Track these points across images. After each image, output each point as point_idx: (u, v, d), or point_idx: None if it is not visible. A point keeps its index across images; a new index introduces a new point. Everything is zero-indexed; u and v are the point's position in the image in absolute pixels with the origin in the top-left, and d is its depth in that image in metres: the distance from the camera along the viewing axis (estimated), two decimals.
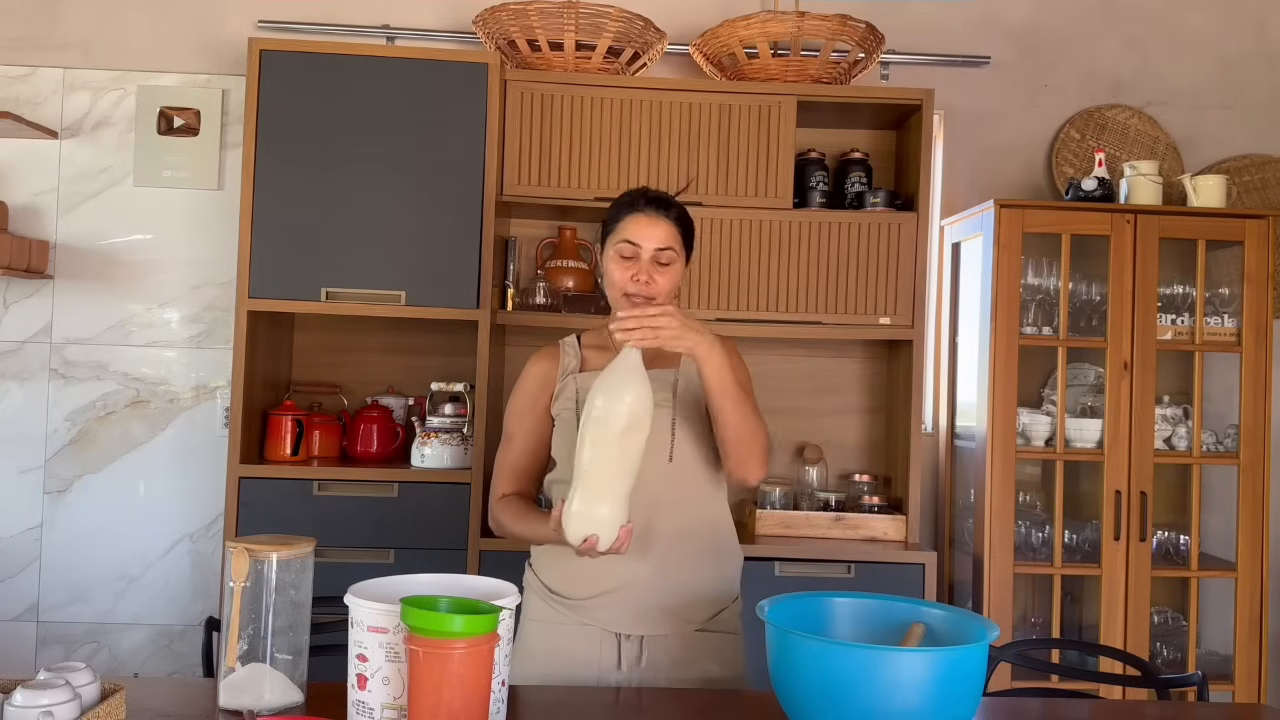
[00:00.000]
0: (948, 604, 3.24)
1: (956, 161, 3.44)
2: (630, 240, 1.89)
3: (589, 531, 1.68)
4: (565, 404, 1.94)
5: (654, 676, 1.86)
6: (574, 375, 1.95)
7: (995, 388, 2.98)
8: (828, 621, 1.63)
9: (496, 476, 2.00)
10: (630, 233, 1.89)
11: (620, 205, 1.95)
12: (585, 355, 1.99)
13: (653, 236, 1.89)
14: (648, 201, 1.92)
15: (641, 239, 1.88)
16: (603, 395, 1.70)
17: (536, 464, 2.00)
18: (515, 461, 1.99)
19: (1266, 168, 3.47)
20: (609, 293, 1.93)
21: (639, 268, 1.88)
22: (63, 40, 3.31)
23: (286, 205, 2.90)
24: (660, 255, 1.89)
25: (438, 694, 1.32)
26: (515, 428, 1.99)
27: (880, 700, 1.36)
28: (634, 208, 1.92)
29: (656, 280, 1.88)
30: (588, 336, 2.04)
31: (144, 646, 3.28)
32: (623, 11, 3.01)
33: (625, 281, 1.88)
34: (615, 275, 1.90)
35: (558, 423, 1.95)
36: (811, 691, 1.41)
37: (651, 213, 1.91)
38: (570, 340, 2.03)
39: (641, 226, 1.89)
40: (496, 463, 2.01)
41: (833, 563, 2.90)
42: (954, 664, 1.39)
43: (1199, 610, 3.13)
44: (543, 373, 1.99)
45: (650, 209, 1.91)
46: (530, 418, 1.98)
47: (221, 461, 2.99)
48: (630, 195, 1.96)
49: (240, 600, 1.53)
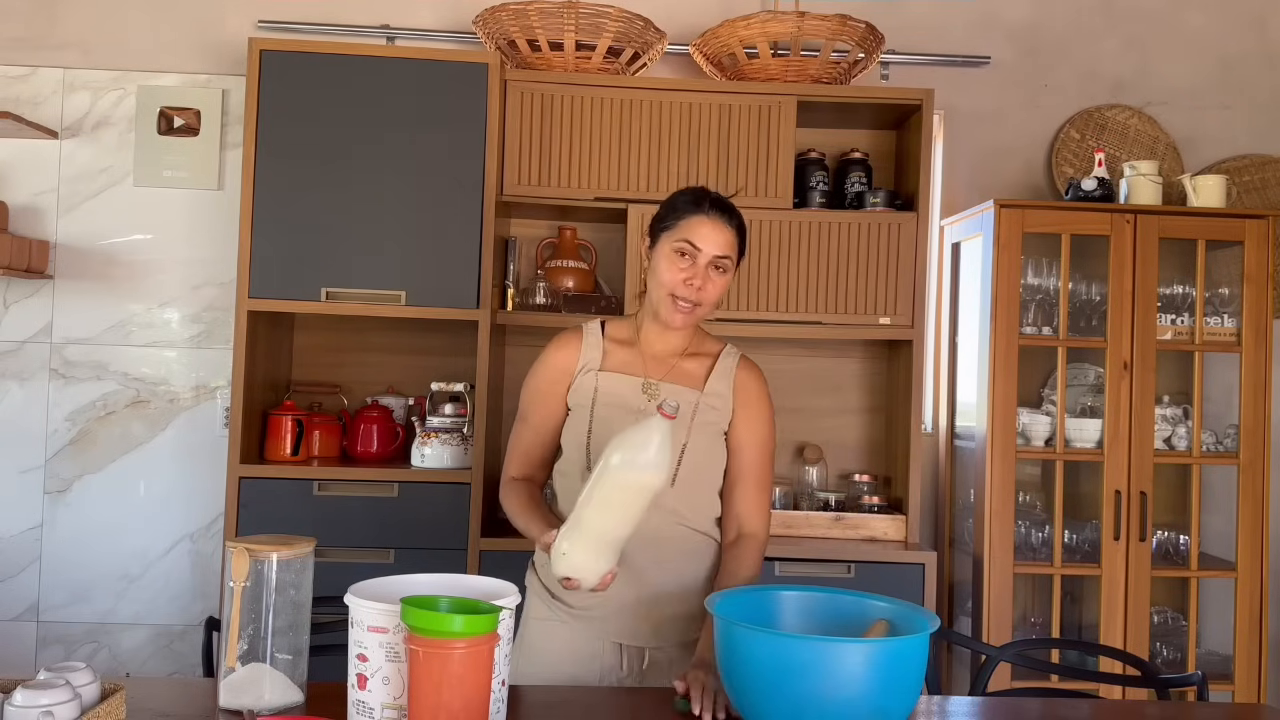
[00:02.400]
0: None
1: (956, 161, 3.44)
2: (691, 241, 1.84)
3: (574, 575, 1.66)
4: (582, 398, 1.91)
5: (656, 676, 1.86)
6: (594, 372, 1.91)
7: (995, 388, 2.98)
8: (775, 614, 1.67)
9: (509, 456, 1.98)
10: (692, 233, 1.84)
11: (683, 202, 1.88)
12: (608, 349, 1.94)
13: (715, 242, 1.84)
14: (713, 204, 1.87)
15: (703, 243, 1.83)
16: (621, 453, 1.65)
17: (548, 449, 1.97)
18: (528, 446, 1.96)
19: (1266, 168, 3.47)
20: (653, 288, 1.89)
21: (695, 271, 1.84)
22: (63, 40, 3.31)
23: (286, 205, 2.90)
24: (718, 262, 1.85)
25: (438, 694, 1.32)
26: (530, 410, 1.97)
27: (820, 689, 1.41)
28: (699, 208, 1.86)
29: (708, 287, 1.85)
30: (613, 327, 1.99)
31: (144, 646, 3.29)
32: (623, 11, 3.01)
33: (677, 283, 1.84)
34: (666, 274, 1.85)
35: (572, 413, 1.92)
36: (755, 682, 1.45)
37: (717, 217, 1.85)
38: (594, 328, 1.97)
39: (706, 230, 1.84)
40: (510, 441, 1.99)
41: (833, 563, 2.90)
42: (893, 655, 1.44)
43: (1199, 610, 3.13)
44: (562, 361, 1.94)
45: (716, 213, 1.86)
46: (545, 404, 1.95)
47: (221, 461, 2.99)
48: (695, 194, 1.89)
49: (240, 600, 1.53)
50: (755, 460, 1.94)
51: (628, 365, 1.92)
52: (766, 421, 1.95)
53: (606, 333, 1.97)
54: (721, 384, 1.93)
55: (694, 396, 1.90)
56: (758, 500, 1.94)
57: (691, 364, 1.94)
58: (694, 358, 1.95)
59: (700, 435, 1.88)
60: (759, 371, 1.98)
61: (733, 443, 1.93)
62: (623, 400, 1.89)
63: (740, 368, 1.96)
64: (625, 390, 1.89)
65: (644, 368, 1.92)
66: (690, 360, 1.94)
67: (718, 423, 1.91)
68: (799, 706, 1.42)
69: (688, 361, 1.94)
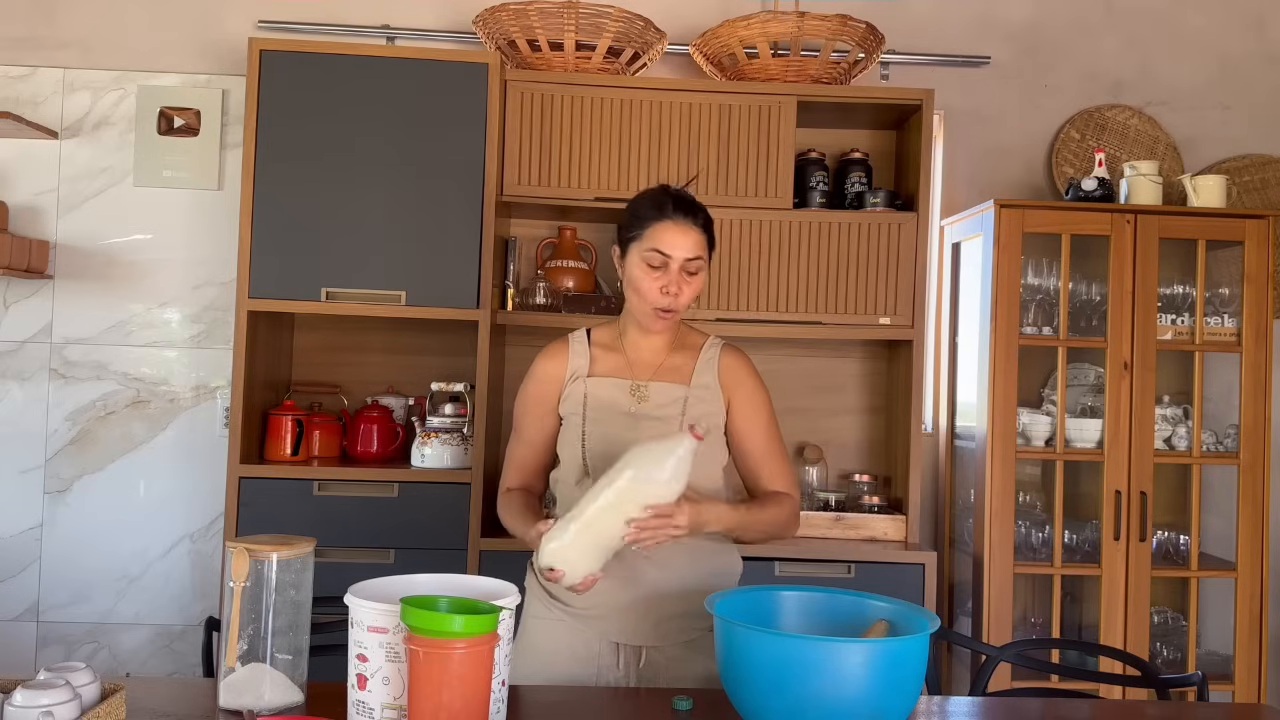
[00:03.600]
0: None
1: (956, 161, 3.44)
2: (660, 250, 1.84)
3: (560, 568, 1.67)
4: (573, 407, 1.92)
5: (653, 676, 1.86)
6: (583, 379, 1.93)
7: (995, 388, 2.98)
8: (776, 614, 1.67)
9: (505, 470, 2.01)
10: (659, 241, 1.84)
11: (645, 208, 1.88)
12: (595, 355, 1.96)
13: (683, 245, 1.84)
14: (676, 207, 1.86)
15: (672, 249, 1.83)
16: (633, 469, 1.66)
17: (543, 460, 1.99)
18: (522, 457, 1.99)
19: (1266, 168, 3.47)
20: (633, 301, 1.90)
21: (669, 279, 1.84)
22: (63, 40, 3.31)
23: (286, 205, 2.90)
24: (689, 265, 1.85)
25: (438, 694, 1.32)
26: (523, 422, 1.99)
27: (820, 689, 1.41)
28: (662, 213, 1.85)
29: (685, 290, 1.86)
30: (598, 333, 2.00)
31: (144, 646, 3.28)
32: (623, 11, 3.01)
33: (656, 295, 1.85)
34: (644, 286, 1.86)
35: (565, 422, 1.94)
36: (755, 682, 1.45)
37: (681, 220, 1.85)
38: (579, 336, 1.99)
39: (672, 236, 1.84)
40: (506, 453, 2.01)
41: (833, 563, 2.90)
42: (893, 655, 1.44)
43: (1199, 610, 3.13)
44: (550, 372, 1.96)
45: (680, 216, 1.85)
46: (536, 416, 1.97)
47: (221, 461, 2.99)
48: (656, 198, 1.89)
49: (240, 600, 1.53)
50: (765, 441, 1.96)
51: (615, 369, 1.94)
52: (762, 399, 1.97)
53: (592, 339, 1.99)
54: (707, 376, 1.94)
55: (682, 392, 1.91)
56: (781, 469, 1.97)
57: (676, 360, 1.96)
58: (679, 352, 1.97)
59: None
60: (742, 354, 1.99)
61: (737, 431, 1.95)
62: (613, 404, 1.90)
63: (724, 355, 1.97)
64: (614, 394, 1.91)
65: (631, 370, 1.94)
66: (675, 356, 1.96)
67: (711, 415, 1.91)
68: (799, 706, 1.42)
69: (673, 358, 1.96)
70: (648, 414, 1.89)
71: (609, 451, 1.83)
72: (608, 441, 1.86)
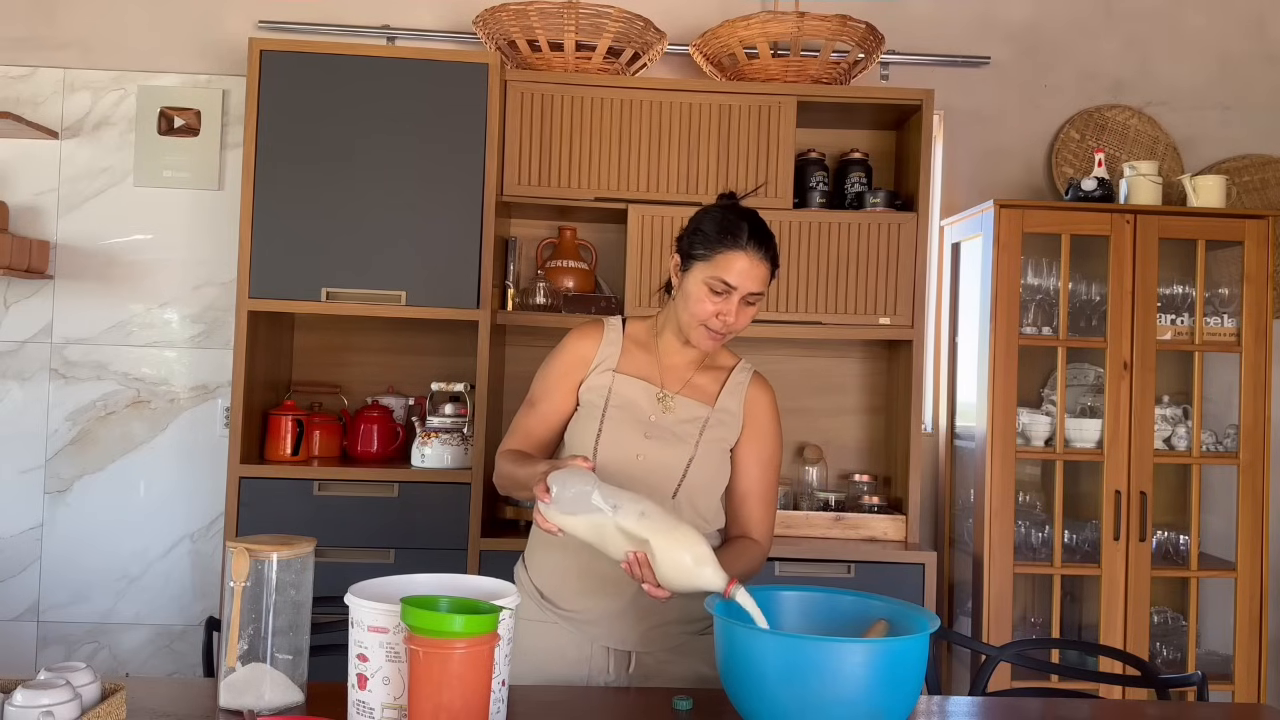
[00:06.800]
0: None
1: (956, 162, 3.44)
2: (727, 281, 1.79)
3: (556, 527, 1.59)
4: (595, 396, 1.88)
5: (643, 678, 1.86)
6: (611, 371, 1.89)
7: (995, 388, 2.99)
8: (776, 614, 1.66)
9: (509, 434, 1.93)
10: (728, 272, 1.79)
11: (723, 233, 1.81)
12: (626, 348, 1.92)
13: (751, 279, 1.80)
14: (751, 238, 1.80)
15: (739, 280, 1.79)
16: (668, 539, 1.56)
17: (549, 436, 1.93)
18: (530, 428, 1.92)
19: (1266, 168, 3.47)
20: (681, 311, 1.85)
21: (728, 307, 1.81)
22: (63, 40, 3.31)
23: (286, 205, 2.90)
24: (750, 296, 1.82)
25: (438, 694, 1.32)
26: (540, 396, 1.93)
27: (820, 689, 1.40)
28: (738, 244, 1.79)
29: (740, 319, 1.83)
30: (633, 326, 1.96)
31: (144, 646, 3.29)
32: (623, 12, 3.01)
33: (709, 317, 1.81)
34: (699, 307, 1.81)
35: (581, 409, 1.90)
36: (755, 682, 1.45)
37: (754, 252, 1.79)
38: (615, 323, 1.95)
39: (742, 267, 1.79)
40: (514, 421, 1.94)
41: (833, 563, 2.90)
42: (893, 655, 1.44)
43: (1199, 610, 3.13)
44: (582, 350, 1.92)
45: (753, 249, 1.79)
46: (557, 393, 1.91)
47: (222, 461, 2.99)
48: (731, 223, 1.81)
49: (240, 600, 1.53)
50: (761, 478, 1.94)
51: (644, 371, 1.91)
52: (774, 442, 1.95)
53: (626, 331, 1.95)
54: (732, 401, 1.92)
55: (705, 412, 1.89)
56: (763, 515, 1.94)
57: (705, 378, 1.93)
58: (708, 371, 1.94)
59: (707, 451, 1.88)
60: (770, 391, 1.97)
61: (739, 459, 1.93)
62: (635, 406, 1.87)
63: (752, 385, 1.95)
64: (639, 397, 1.88)
65: (660, 376, 1.91)
66: (704, 374, 1.93)
67: (726, 438, 1.91)
68: (799, 706, 1.42)
69: (701, 375, 1.93)
70: (666, 427, 1.86)
71: (618, 455, 1.82)
72: (620, 446, 1.83)
